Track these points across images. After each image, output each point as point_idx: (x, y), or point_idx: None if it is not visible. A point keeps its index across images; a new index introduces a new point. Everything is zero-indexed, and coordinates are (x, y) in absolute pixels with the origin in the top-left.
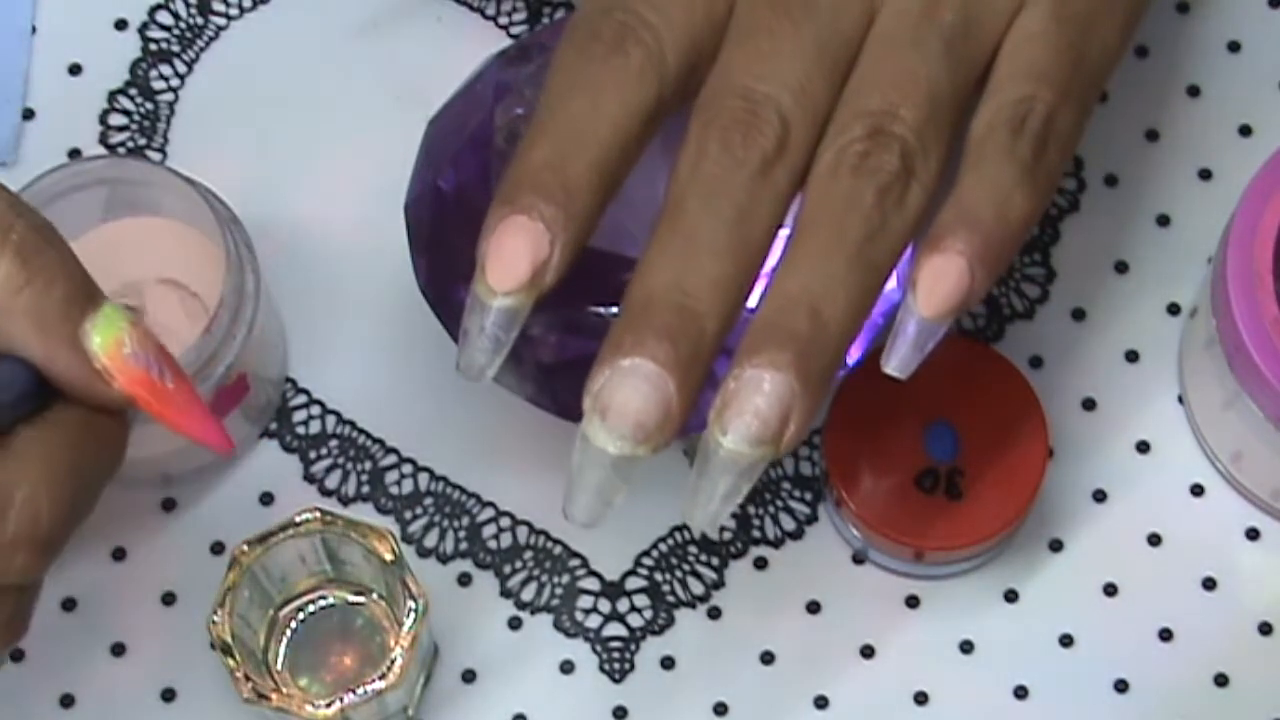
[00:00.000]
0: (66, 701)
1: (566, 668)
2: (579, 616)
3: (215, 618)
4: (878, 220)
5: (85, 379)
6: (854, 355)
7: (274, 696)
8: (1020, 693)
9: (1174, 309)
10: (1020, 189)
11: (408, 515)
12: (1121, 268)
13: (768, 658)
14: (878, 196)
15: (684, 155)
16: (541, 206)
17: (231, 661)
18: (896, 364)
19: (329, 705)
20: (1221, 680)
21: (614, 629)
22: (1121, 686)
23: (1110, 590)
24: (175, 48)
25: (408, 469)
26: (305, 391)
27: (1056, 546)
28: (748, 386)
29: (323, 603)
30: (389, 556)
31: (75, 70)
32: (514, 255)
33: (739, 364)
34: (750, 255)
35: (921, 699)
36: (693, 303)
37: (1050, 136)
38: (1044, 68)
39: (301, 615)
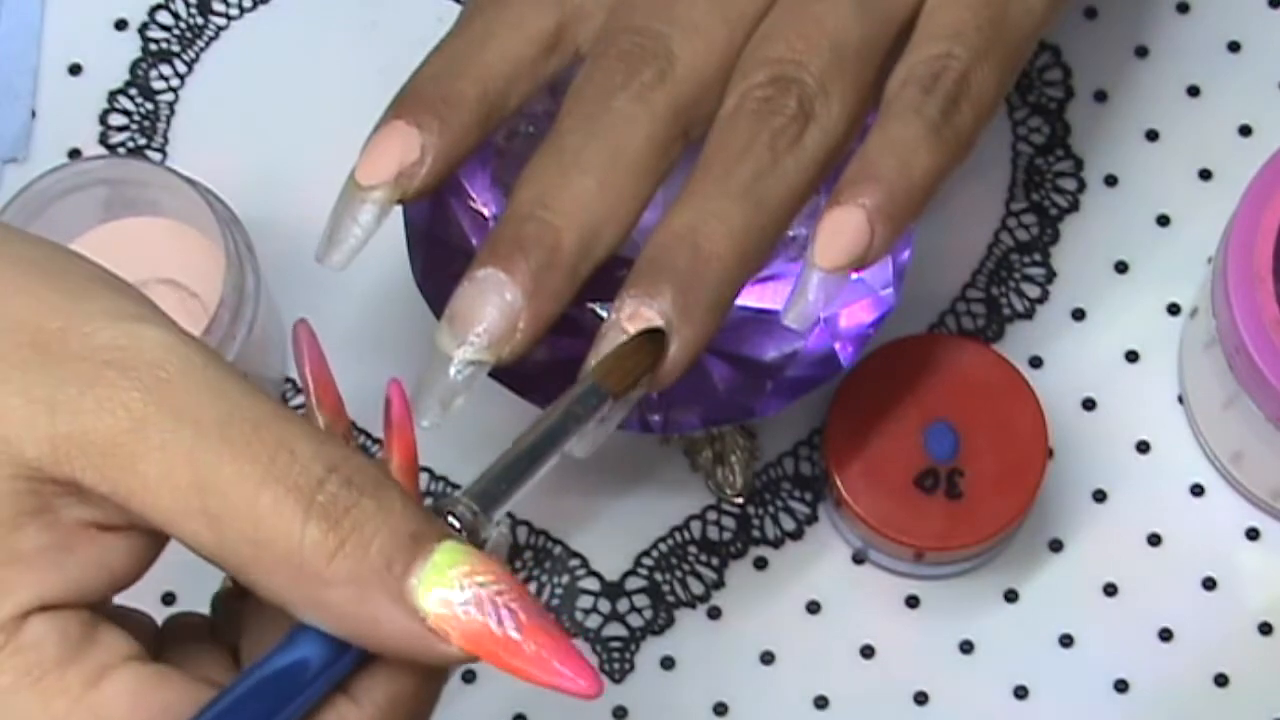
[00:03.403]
0: None
1: None
2: (579, 616)
3: None
4: (768, 160)
5: (416, 642)
6: (848, 357)
7: None
8: (1020, 693)
9: (1174, 309)
10: (925, 146)
11: None
12: (1121, 268)
13: (768, 658)
14: (771, 137)
15: (572, 86)
16: (420, 115)
17: None
18: (795, 316)
19: None
20: (1221, 680)
21: (614, 629)
22: (1121, 686)
23: (1110, 590)
24: (175, 48)
25: None
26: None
27: (1056, 546)
28: (625, 318)
29: None
30: None
31: (75, 70)
32: (385, 155)
33: (619, 297)
34: (619, 172)
35: (921, 699)
36: (550, 215)
37: (962, 95)
38: (961, 26)
39: None
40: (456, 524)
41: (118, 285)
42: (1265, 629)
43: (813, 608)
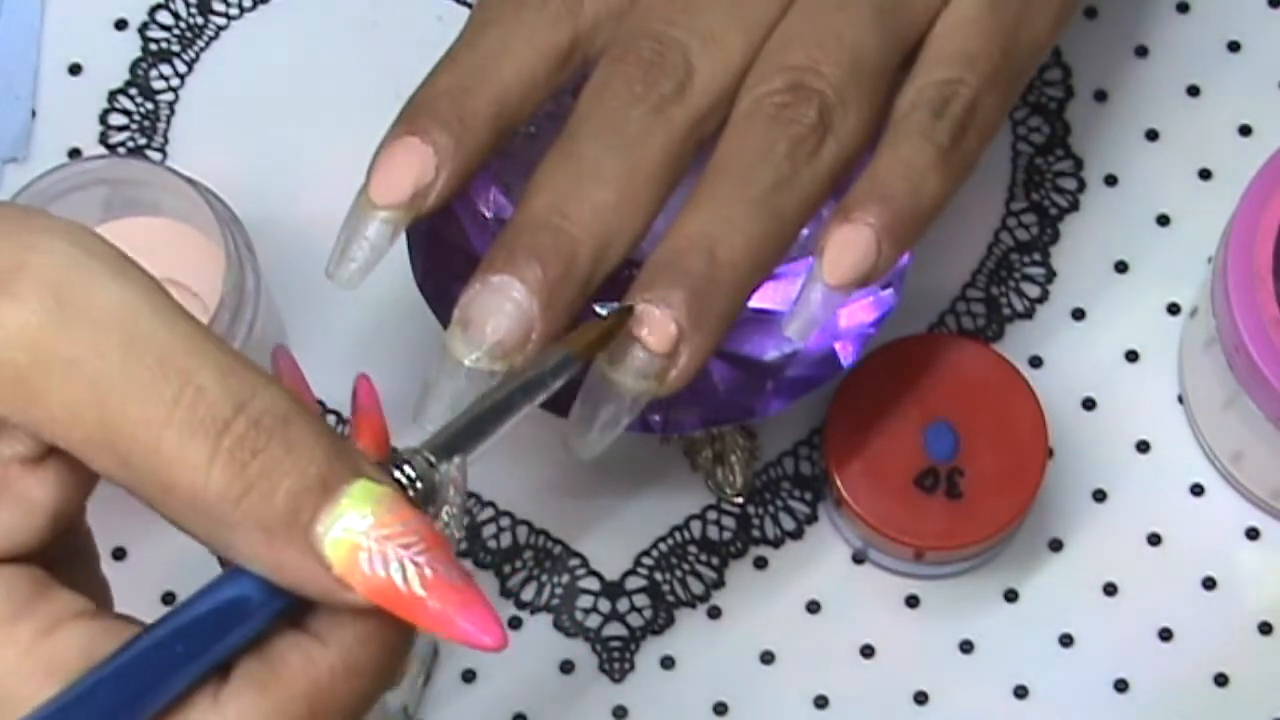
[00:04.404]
0: None
1: (566, 668)
2: (579, 616)
3: None
4: (787, 170)
5: (322, 588)
6: (849, 357)
7: None
8: (1020, 693)
9: (1174, 309)
10: (935, 170)
11: None
12: (1121, 268)
13: (768, 658)
14: (790, 146)
15: (587, 89)
16: (435, 133)
17: None
18: (797, 329)
19: None
20: (1221, 680)
21: (614, 629)
22: (1121, 686)
23: (1110, 590)
24: (175, 48)
25: None
26: None
27: (1056, 546)
28: (637, 321)
29: None
30: None
31: (75, 70)
32: (399, 174)
33: (631, 298)
34: (636, 185)
35: (921, 699)
36: (569, 226)
37: (971, 122)
38: (972, 53)
39: None
40: (412, 473)
41: (26, 207)
42: (1265, 629)
43: (813, 608)
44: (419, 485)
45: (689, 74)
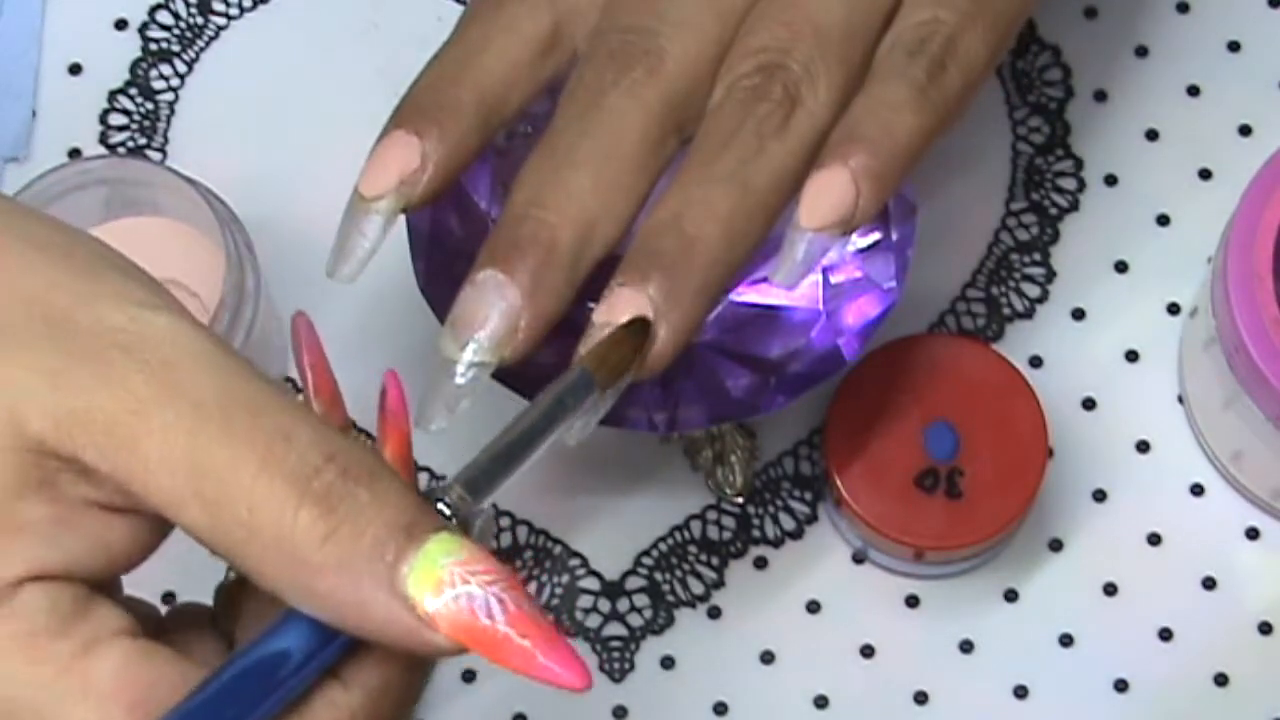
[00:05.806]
0: None
1: None
2: (579, 616)
3: None
4: (754, 145)
5: (404, 629)
6: (851, 353)
7: None
8: (1020, 693)
9: (1174, 309)
10: (910, 107)
11: None
12: (1121, 268)
13: (768, 658)
14: (756, 124)
15: (564, 90)
16: (419, 124)
17: None
18: (782, 276)
19: None
20: (1221, 680)
21: (614, 629)
22: (1121, 686)
23: (1110, 590)
24: (175, 48)
25: None
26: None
27: (1056, 546)
28: (611, 303)
29: None
30: None
31: (75, 70)
32: (385, 166)
33: (608, 288)
34: (613, 166)
35: (921, 699)
36: (545, 214)
37: (950, 58)
38: None
39: None
40: (447, 511)
41: (126, 268)
42: (1265, 629)
43: (813, 608)
44: (454, 522)
45: (660, 57)
